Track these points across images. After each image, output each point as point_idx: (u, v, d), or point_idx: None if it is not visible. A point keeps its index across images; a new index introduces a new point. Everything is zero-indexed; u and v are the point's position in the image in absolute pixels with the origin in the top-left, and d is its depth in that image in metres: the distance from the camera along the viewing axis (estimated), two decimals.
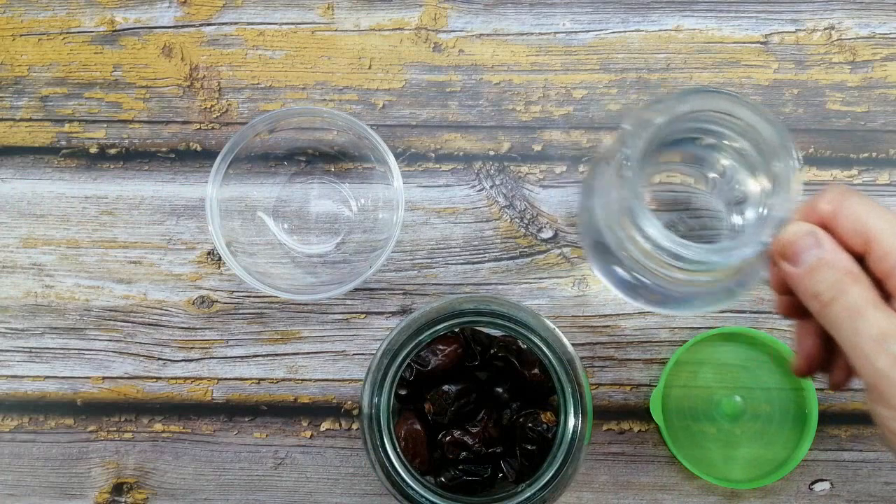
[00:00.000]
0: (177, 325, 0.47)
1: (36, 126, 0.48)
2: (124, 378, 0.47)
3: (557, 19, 0.48)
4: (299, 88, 0.48)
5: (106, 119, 0.48)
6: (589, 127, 0.48)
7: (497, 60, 0.48)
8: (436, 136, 0.48)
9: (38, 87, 0.49)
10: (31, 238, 0.48)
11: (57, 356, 0.47)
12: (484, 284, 0.47)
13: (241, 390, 0.47)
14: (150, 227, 0.48)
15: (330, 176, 0.48)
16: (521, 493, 0.37)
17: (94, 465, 0.47)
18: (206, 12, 0.49)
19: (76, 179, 0.48)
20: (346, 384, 0.47)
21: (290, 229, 0.48)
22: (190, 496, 0.47)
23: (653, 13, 0.48)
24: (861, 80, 0.48)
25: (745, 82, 0.48)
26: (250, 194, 0.47)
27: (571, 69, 0.48)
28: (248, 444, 0.47)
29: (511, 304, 0.39)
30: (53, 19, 0.49)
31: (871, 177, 0.48)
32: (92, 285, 0.47)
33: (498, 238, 0.47)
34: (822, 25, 0.48)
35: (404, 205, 0.44)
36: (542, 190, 0.48)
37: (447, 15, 0.49)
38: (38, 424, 0.47)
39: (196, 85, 0.48)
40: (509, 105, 0.48)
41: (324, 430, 0.47)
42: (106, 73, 0.48)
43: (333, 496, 0.47)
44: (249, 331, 0.47)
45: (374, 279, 0.47)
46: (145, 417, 0.47)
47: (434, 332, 0.38)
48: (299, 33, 0.49)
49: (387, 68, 0.48)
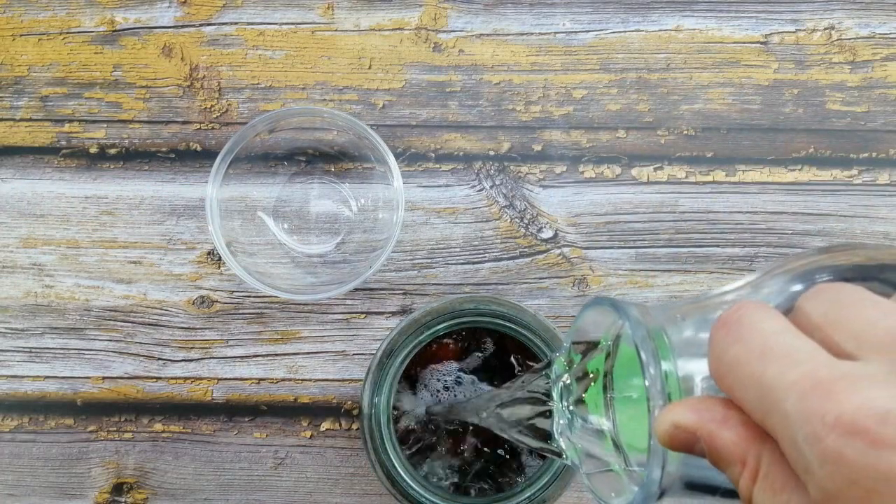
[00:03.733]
0: (177, 325, 0.47)
1: (36, 126, 0.48)
2: (124, 378, 0.47)
3: (557, 19, 0.48)
4: (299, 88, 0.48)
5: (106, 119, 0.48)
6: (589, 127, 0.48)
7: (497, 60, 0.48)
8: (436, 136, 0.48)
9: (38, 87, 0.49)
10: (31, 238, 0.48)
11: (57, 356, 0.47)
12: (484, 284, 0.47)
13: (241, 390, 0.47)
14: (150, 227, 0.48)
15: (330, 176, 0.48)
16: (521, 493, 0.37)
17: (94, 465, 0.47)
18: (206, 12, 0.49)
19: (76, 179, 0.48)
20: (346, 384, 0.47)
21: (290, 229, 0.48)
22: (190, 496, 0.47)
23: (653, 13, 0.48)
24: (861, 80, 0.48)
25: (745, 82, 0.48)
26: (250, 194, 0.47)
27: (571, 69, 0.48)
28: (248, 444, 0.47)
29: (511, 304, 0.39)
30: (53, 19, 0.49)
31: (871, 177, 0.48)
32: (92, 285, 0.47)
33: (498, 238, 0.47)
34: (822, 25, 0.48)
35: (404, 205, 0.44)
36: (542, 190, 0.48)
37: (447, 15, 0.49)
38: (38, 424, 0.47)
39: (196, 85, 0.48)
40: (509, 105, 0.48)
41: (324, 430, 0.47)
42: (106, 73, 0.48)
43: (333, 496, 0.47)
44: (249, 331, 0.47)
45: (374, 279, 0.47)
46: (145, 417, 0.47)
47: (434, 332, 0.38)
48: (299, 33, 0.49)
49: (387, 68, 0.48)
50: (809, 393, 0.19)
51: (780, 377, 0.20)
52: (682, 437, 0.22)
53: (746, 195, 0.48)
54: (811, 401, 0.19)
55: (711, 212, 0.48)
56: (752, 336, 0.21)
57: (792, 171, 0.48)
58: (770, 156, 0.48)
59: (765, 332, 0.21)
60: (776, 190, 0.48)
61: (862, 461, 0.18)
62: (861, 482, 0.18)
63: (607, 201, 0.48)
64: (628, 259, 0.47)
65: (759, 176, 0.48)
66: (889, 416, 0.18)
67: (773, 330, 0.21)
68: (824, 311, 0.21)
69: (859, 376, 0.19)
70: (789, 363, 0.20)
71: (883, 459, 0.18)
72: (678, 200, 0.48)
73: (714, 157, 0.48)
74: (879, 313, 0.20)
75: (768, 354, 0.20)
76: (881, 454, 0.18)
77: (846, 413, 0.18)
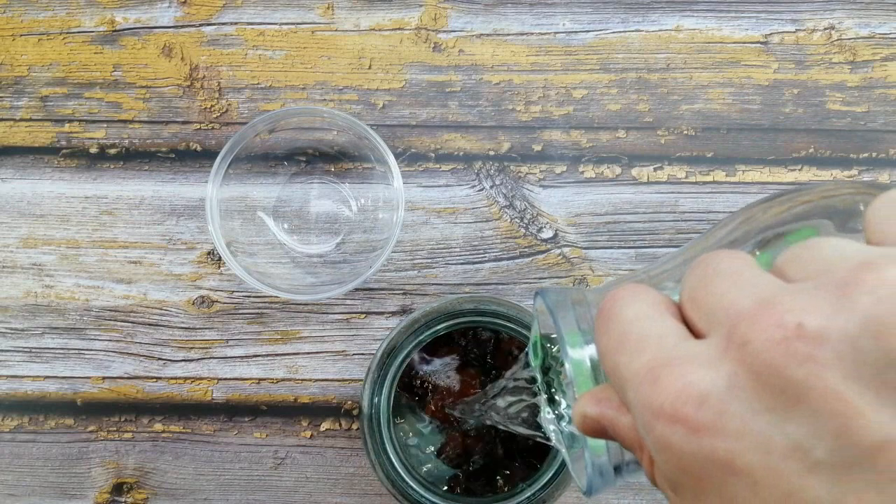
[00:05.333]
0: (177, 325, 0.47)
1: (36, 126, 0.48)
2: (124, 378, 0.47)
3: (557, 19, 0.48)
4: (299, 88, 0.48)
5: (106, 119, 0.48)
6: (589, 127, 0.48)
7: (497, 60, 0.48)
8: (436, 136, 0.48)
9: (38, 87, 0.49)
10: (31, 238, 0.48)
11: (57, 356, 0.47)
12: (484, 284, 0.47)
13: (241, 390, 0.47)
14: (150, 227, 0.48)
15: (330, 176, 0.48)
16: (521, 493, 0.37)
17: (94, 465, 0.47)
18: (206, 12, 0.49)
19: (76, 179, 0.48)
20: (346, 384, 0.47)
21: (290, 229, 0.48)
22: (190, 496, 0.47)
23: (653, 13, 0.48)
24: (861, 80, 0.48)
25: (746, 82, 0.48)
26: (250, 194, 0.47)
27: (571, 69, 0.48)
28: (248, 444, 0.47)
29: (511, 304, 0.39)
30: (53, 19, 0.49)
31: (871, 177, 0.48)
32: (92, 285, 0.47)
33: (498, 238, 0.47)
34: (822, 25, 0.48)
35: (404, 205, 0.44)
36: (542, 190, 0.48)
37: (447, 15, 0.49)
38: (38, 424, 0.47)
39: (196, 85, 0.48)
40: (509, 105, 0.48)
41: (324, 430, 0.47)
42: (106, 73, 0.48)
43: (333, 496, 0.47)
44: (249, 331, 0.47)
45: (374, 279, 0.47)
46: (145, 417, 0.47)
47: (434, 331, 0.38)
48: (299, 33, 0.49)
49: (387, 68, 0.48)
50: (643, 381, 0.19)
51: (627, 367, 0.19)
52: (592, 426, 0.22)
53: (746, 195, 0.48)
54: (643, 389, 0.18)
55: (711, 212, 0.48)
56: (613, 325, 0.21)
57: (792, 171, 0.48)
58: (770, 156, 0.48)
59: (623, 320, 0.20)
60: (776, 190, 0.48)
61: (686, 448, 0.17)
62: (690, 469, 0.18)
63: (607, 201, 0.48)
64: (628, 259, 0.47)
65: (759, 176, 0.48)
66: (706, 399, 0.17)
67: (631, 317, 0.20)
68: (691, 286, 0.20)
69: (688, 359, 0.18)
70: (637, 351, 0.19)
71: (704, 445, 0.17)
72: (678, 200, 0.48)
73: (714, 157, 0.48)
74: (728, 286, 0.19)
75: (623, 344, 0.20)
76: (702, 440, 0.17)
77: (667, 400, 0.18)
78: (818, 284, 0.17)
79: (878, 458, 0.15)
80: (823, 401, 0.16)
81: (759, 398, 0.17)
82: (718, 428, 0.17)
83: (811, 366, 0.16)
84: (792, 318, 0.17)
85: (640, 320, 0.20)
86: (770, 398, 0.17)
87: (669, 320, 0.20)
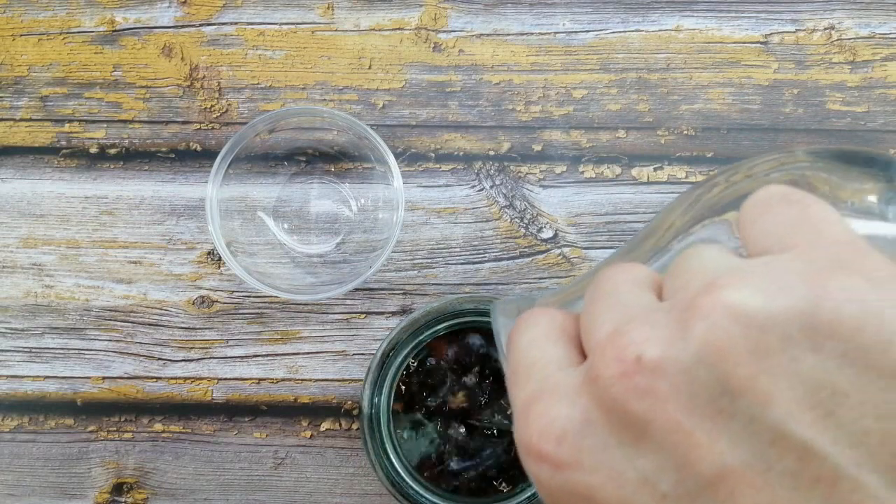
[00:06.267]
0: (177, 325, 0.47)
1: (36, 126, 0.48)
2: (124, 378, 0.47)
3: (557, 19, 0.48)
4: (299, 88, 0.48)
5: (106, 119, 0.48)
6: (589, 127, 0.48)
7: (497, 60, 0.48)
8: (436, 136, 0.48)
9: (38, 87, 0.49)
10: (31, 238, 0.48)
11: (57, 356, 0.47)
12: (484, 284, 0.47)
13: (241, 390, 0.47)
14: (150, 227, 0.48)
15: (330, 176, 0.48)
16: (521, 493, 0.37)
17: (94, 465, 0.47)
18: (206, 12, 0.49)
19: (76, 179, 0.48)
20: (346, 384, 0.47)
21: (290, 229, 0.48)
22: (190, 496, 0.47)
23: (653, 13, 0.48)
24: (861, 80, 0.48)
25: (745, 82, 0.48)
26: (250, 194, 0.47)
27: (571, 69, 0.48)
28: (248, 444, 0.47)
29: None
30: (53, 19, 0.49)
31: None
32: (92, 285, 0.47)
33: (498, 238, 0.47)
34: (822, 25, 0.48)
35: (404, 205, 0.44)
36: (542, 190, 0.48)
37: (447, 15, 0.49)
38: (38, 424, 0.47)
39: (196, 85, 0.48)
40: (509, 105, 0.48)
41: (324, 430, 0.47)
42: (106, 73, 0.49)
43: (333, 496, 0.47)
44: (249, 331, 0.47)
45: (374, 279, 0.47)
46: (145, 417, 0.47)
47: (434, 331, 0.38)
48: (299, 33, 0.49)
49: (387, 68, 0.48)
50: (519, 416, 0.19)
51: (515, 398, 0.20)
52: None
53: None
54: (518, 425, 0.19)
55: None
56: (511, 354, 0.21)
57: None
58: None
59: (519, 347, 0.20)
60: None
61: (553, 483, 0.18)
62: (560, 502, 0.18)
63: (607, 201, 0.48)
64: None
65: None
66: (565, 436, 0.17)
67: (525, 344, 0.20)
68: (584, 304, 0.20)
69: (554, 392, 0.18)
70: (523, 381, 0.20)
71: (567, 479, 0.17)
72: None
73: (714, 157, 0.48)
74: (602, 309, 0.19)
75: (515, 373, 0.20)
76: (564, 475, 0.18)
77: (532, 438, 0.18)
78: (671, 306, 0.17)
79: (719, 487, 0.15)
80: (664, 433, 0.16)
81: (611, 433, 0.17)
82: (577, 464, 0.17)
83: (650, 400, 0.16)
84: (632, 351, 0.17)
85: (531, 348, 0.20)
86: (620, 433, 0.17)
87: (558, 346, 0.20)
